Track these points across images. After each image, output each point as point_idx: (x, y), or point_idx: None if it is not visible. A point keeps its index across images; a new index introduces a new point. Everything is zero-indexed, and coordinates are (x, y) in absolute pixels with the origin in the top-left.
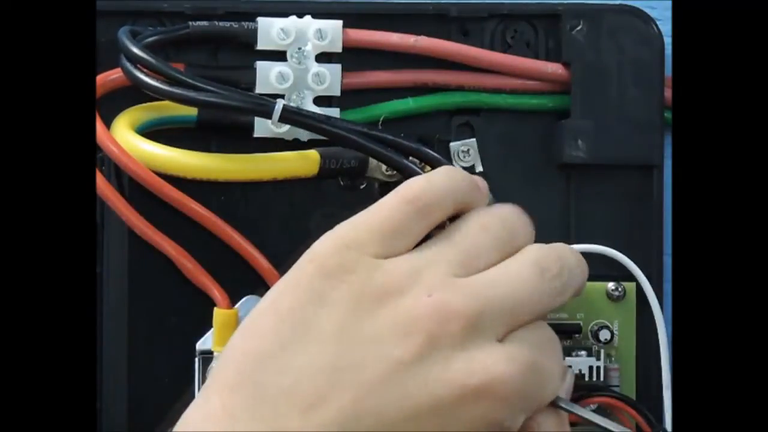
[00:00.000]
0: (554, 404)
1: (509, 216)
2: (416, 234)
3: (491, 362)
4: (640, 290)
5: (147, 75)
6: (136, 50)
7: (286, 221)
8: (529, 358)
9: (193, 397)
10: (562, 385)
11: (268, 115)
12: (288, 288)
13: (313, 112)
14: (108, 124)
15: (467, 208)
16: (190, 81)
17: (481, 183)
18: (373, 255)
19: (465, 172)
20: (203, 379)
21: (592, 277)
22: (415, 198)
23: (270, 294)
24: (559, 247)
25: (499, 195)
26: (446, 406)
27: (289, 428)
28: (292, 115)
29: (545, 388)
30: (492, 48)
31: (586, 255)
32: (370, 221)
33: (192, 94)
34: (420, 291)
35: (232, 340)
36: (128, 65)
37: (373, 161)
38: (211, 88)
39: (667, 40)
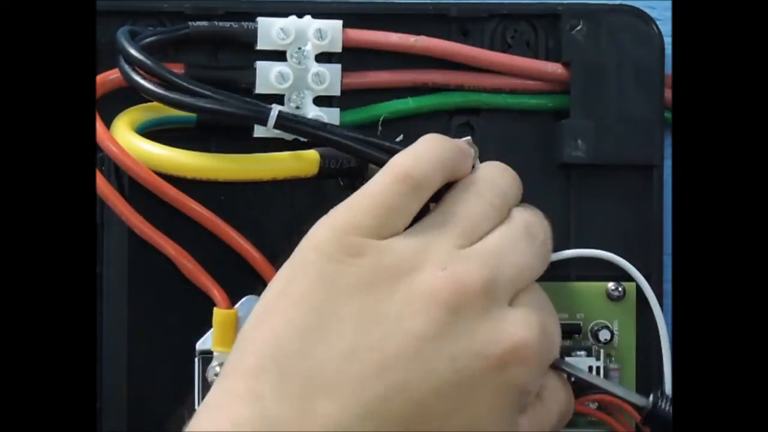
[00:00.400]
0: (555, 366)
1: (498, 179)
2: (411, 211)
3: (512, 328)
4: (640, 290)
5: (144, 78)
6: (133, 52)
7: (286, 221)
8: (539, 320)
9: (193, 397)
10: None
11: (263, 122)
12: (296, 275)
13: (309, 119)
14: (108, 123)
15: (456, 176)
16: (186, 85)
17: (465, 146)
18: (373, 237)
19: (449, 139)
20: (203, 379)
21: (592, 278)
22: (406, 176)
23: (277, 283)
24: (539, 213)
25: None
26: (473, 378)
27: (318, 409)
28: (287, 122)
29: (553, 348)
30: (492, 48)
31: (585, 258)
32: (365, 204)
33: (188, 99)
34: (433, 266)
35: (246, 329)
36: (126, 67)
37: None
38: (208, 93)
39: (667, 40)
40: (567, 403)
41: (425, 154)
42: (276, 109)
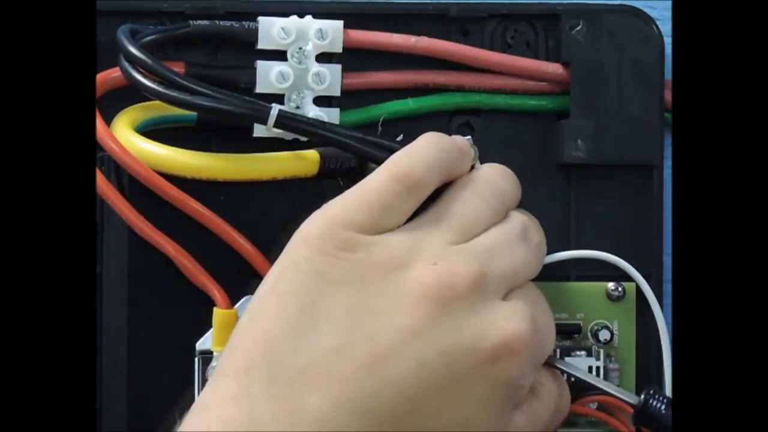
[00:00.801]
0: (548, 363)
1: (499, 181)
2: (406, 211)
3: (502, 322)
4: (639, 290)
5: (144, 76)
6: (133, 50)
7: (286, 221)
8: (531, 314)
9: (193, 397)
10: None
11: (263, 121)
12: (287, 270)
13: (309, 118)
14: (108, 122)
15: (454, 176)
16: (186, 84)
17: (464, 145)
18: (366, 233)
19: (447, 138)
20: (203, 379)
21: (591, 278)
22: (404, 176)
23: (269, 278)
24: (535, 219)
25: None
26: (465, 372)
27: (308, 406)
28: (287, 121)
29: (546, 343)
30: (492, 48)
31: (584, 258)
32: (360, 200)
33: (188, 97)
34: (424, 261)
35: (239, 325)
36: (126, 65)
37: None
38: (208, 92)
39: (667, 40)
40: (562, 400)
41: (423, 154)
42: (276, 108)
